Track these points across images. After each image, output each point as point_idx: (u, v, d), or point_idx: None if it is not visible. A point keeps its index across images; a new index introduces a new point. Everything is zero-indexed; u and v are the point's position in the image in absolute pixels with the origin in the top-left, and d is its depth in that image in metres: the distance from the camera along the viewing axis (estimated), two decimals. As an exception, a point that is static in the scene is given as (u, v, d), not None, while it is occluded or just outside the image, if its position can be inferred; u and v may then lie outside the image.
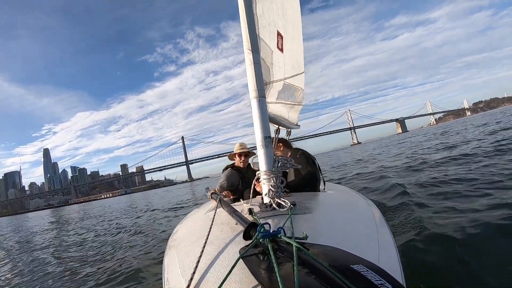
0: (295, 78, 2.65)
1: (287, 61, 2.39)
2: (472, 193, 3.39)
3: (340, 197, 1.71)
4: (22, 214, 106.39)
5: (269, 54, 2.06)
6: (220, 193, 1.76)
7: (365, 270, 0.63)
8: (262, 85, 1.64)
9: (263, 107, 1.60)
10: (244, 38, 1.63)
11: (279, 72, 2.32)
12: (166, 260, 1.17)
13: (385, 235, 1.13)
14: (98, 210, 19.85)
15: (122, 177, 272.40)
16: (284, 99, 2.60)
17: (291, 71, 2.52)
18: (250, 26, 1.64)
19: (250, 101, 1.63)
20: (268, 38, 2.00)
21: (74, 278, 3.41)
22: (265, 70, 2.02)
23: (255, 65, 1.62)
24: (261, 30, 1.88)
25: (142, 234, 5.48)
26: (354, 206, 1.63)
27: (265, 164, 1.50)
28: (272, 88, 2.36)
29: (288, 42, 2.34)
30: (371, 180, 6.35)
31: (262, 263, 0.76)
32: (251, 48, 1.62)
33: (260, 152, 1.53)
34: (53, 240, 7.85)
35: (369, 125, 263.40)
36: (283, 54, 2.29)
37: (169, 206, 10.08)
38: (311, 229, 1.07)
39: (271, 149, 1.55)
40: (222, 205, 1.43)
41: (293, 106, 2.85)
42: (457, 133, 15.87)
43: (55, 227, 12.38)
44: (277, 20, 2.09)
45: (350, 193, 2.04)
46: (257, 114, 1.58)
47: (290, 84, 2.56)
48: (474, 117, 60.03)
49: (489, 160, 5.40)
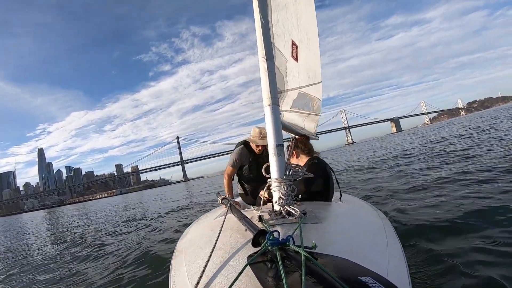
0: (311, 88, 2.65)
1: (302, 70, 2.40)
2: (488, 208, 3.22)
3: (351, 208, 1.67)
4: (17, 215, 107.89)
5: (284, 63, 2.08)
6: (230, 199, 1.77)
7: (374, 282, 0.61)
8: (276, 93, 1.65)
9: (276, 115, 1.60)
10: (259, 46, 1.66)
11: (294, 81, 2.33)
12: (174, 264, 1.18)
13: (395, 247, 1.10)
14: (102, 210, 19.84)
15: (117, 177, 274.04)
16: (298, 108, 2.59)
17: (306, 80, 2.52)
18: (265, 34, 1.66)
19: (263, 108, 1.63)
20: (283, 47, 2.02)
21: (76, 280, 3.47)
22: (279, 79, 2.03)
23: (269, 73, 1.63)
24: (276, 39, 1.90)
25: (147, 236, 5.52)
26: (365, 217, 1.59)
27: (277, 172, 1.50)
28: (286, 96, 2.36)
29: (303, 52, 2.35)
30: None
31: (270, 271, 0.75)
32: (265, 56, 1.64)
33: (272, 160, 1.53)
34: (55, 240, 8.07)
35: (363, 125, 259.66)
36: (297, 63, 2.30)
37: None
38: (321, 238, 1.04)
39: (283, 157, 1.54)
40: (232, 211, 1.43)
41: (309, 116, 2.83)
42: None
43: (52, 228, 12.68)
44: (291, 30, 2.12)
45: (362, 204, 1.99)
46: (270, 122, 1.58)
47: (305, 93, 2.56)
48: (468, 117, 57.81)
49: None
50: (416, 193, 4.59)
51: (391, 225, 1.46)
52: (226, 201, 1.76)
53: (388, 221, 1.54)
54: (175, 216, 7.80)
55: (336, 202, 1.80)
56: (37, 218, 28.28)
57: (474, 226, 2.61)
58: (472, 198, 3.54)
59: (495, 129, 12.50)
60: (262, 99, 1.65)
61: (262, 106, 1.65)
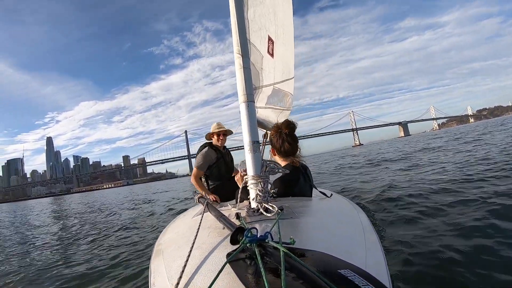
0: (285, 83, 2.68)
1: (277, 66, 2.42)
2: (460, 198, 3.52)
3: (328, 203, 1.72)
4: (23, 201, 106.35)
5: (259, 59, 2.07)
6: (207, 198, 1.75)
7: (352, 275, 0.64)
8: (251, 90, 1.64)
9: (252, 112, 1.60)
10: (235, 42, 1.63)
11: (269, 77, 2.34)
12: (153, 265, 1.14)
13: (372, 240, 1.15)
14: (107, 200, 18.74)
15: (124, 168, 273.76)
16: (273, 104, 2.62)
17: (281, 76, 2.54)
18: (240, 30, 1.64)
19: (239, 105, 1.63)
20: (259, 43, 2.01)
21: (47, 282, 3.24)
22: (255, 75, 2.03)
23: (244, 70, 1.62)
24: (252, 35, 1.89)
25: (128, 234, 5.31)
26: (342, 211, 1.64)
27: (253, 169, 1.50)
28: (261, 93, 2.37)
29: (279, 47, 2.36)
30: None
31: (249, 267, 0.75)
32: (241, 52, 1.62)
33: (248, 157, 1.53)
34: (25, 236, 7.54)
35: (371, 127, 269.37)
36: (273, 59, 2.31)
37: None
38: (299, 234, 1.06)
39: (259, 153, 1.55)
40: (209, 209, 1.41)
41: (282, 111, 2.87)
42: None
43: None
44: (268, 25, 2.11)
45: (338, 198, 2.06)
46: (245, 119, 1.58)
47: (279, 89, 2.59)
48: (477, 124, 61.67)
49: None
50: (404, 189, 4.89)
51: (368, 219, 1.53)
52: (203, 200, 1.74)
53: (364, 214, 1.61)
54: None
55: (313, 197, 1.84)
56: (43, 204, 27.15)
57: (448, 218, 2.84)
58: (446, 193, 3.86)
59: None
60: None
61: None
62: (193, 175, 3.09)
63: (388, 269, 0.94)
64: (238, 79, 1.63)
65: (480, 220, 2.63)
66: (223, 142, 3.20)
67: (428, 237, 2.47)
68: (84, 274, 3.30)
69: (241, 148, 1.73)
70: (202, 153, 3.11)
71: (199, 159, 3.09)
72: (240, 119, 1.61)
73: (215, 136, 3.18)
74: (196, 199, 1.98)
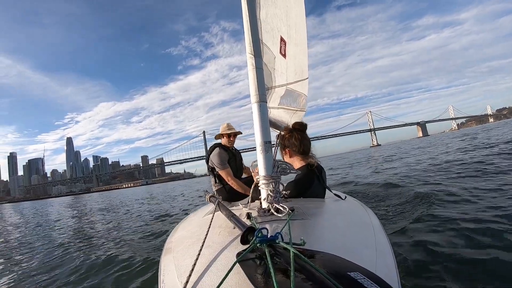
0: (298, 84, 2.66)
1: (290, 66, 2.40)
2: (476, 203, 3.38)
3: (339, 205, 1.69)
4: (44, 200, 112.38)
5: (272, 59, 2.07)
6: (218, 197, 1.76)
7: (362, 278, 0.62)
8: (264, 90, 1.64)
9: (264, 112, 1.60)
10: (247, 43, 1.64)
11: (282, 78, 2.33)
12: (163, 262, 1.16)
13: (383, 243, 1.12)
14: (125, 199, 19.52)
15: (143, 168, 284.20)
16: (286, 105, 2.60)
17: (293, 77, 2.53)
18: (253, 30, 1.65)
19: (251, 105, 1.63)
20: (271, 43, 2.01)
21: (58, 278, 3.34)
22: (267, 75, 2.02)
23: (257, 70, 1.62)
24: (264, 35, 1.89)
25: (141, 231, 5.44)
26: (353, 213, 1.61)
27: (265, 169, 1.50)
28: (274, 93, 2.36)
29: (291, 48, 2.35)
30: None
31: (259, 268, 0.75)
32: (253, 52, 1.62)
33: (260, 157, 1.52)
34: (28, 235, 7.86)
35: (389, 128, 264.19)
36: (285, 60, 2.30)
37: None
38: (309, 235, 1.05)
39: (271, 154, 1.55)
40: (220, 209, 1.42)
41: (296, 112, 2.85)
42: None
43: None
44: (280, 26, 2.11)
45: (350, 200, 2.02)
46: (257, 119, 1.57)
47: (292, 89, 2.57)
48: (497, 124, 58.01)
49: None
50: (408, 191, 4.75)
51: (379, 220, 1.50)
52: (214, 199, 1.75)
53: (376, 217, 1.58)
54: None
55: (325, 199, 1.82)
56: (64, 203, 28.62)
57: (463, 223, 2.73)
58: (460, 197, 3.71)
59: None
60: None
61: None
62: (226, 177, 3.06)
63: (398, 273, 0.92)
64: (251, 79, 1.63)
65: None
66: (232, 142, 3.26)
67: (445, 245, 2.36)
68: (94, 267, 3.42)
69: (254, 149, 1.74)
70: (216, 153, 3.14)
71: (217, 160, 3.10)
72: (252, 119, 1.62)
73: (225, 137, 3.24)
74: (207, 198, 2.01)
